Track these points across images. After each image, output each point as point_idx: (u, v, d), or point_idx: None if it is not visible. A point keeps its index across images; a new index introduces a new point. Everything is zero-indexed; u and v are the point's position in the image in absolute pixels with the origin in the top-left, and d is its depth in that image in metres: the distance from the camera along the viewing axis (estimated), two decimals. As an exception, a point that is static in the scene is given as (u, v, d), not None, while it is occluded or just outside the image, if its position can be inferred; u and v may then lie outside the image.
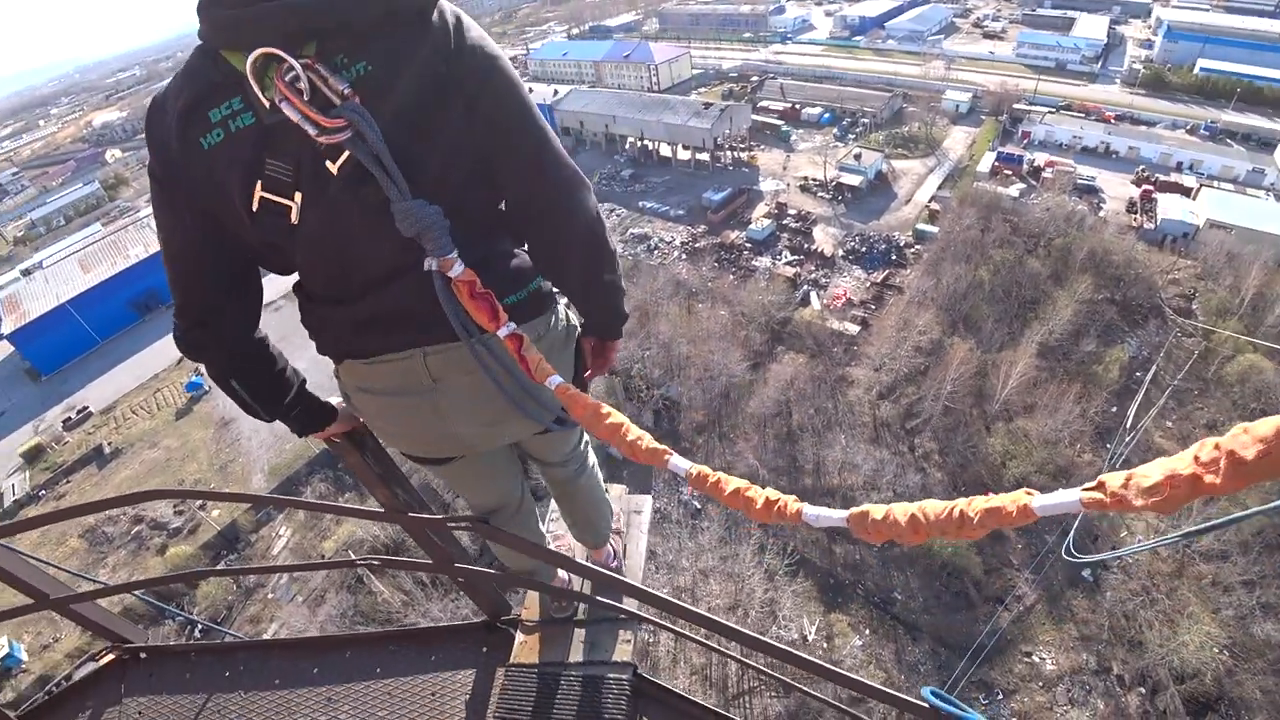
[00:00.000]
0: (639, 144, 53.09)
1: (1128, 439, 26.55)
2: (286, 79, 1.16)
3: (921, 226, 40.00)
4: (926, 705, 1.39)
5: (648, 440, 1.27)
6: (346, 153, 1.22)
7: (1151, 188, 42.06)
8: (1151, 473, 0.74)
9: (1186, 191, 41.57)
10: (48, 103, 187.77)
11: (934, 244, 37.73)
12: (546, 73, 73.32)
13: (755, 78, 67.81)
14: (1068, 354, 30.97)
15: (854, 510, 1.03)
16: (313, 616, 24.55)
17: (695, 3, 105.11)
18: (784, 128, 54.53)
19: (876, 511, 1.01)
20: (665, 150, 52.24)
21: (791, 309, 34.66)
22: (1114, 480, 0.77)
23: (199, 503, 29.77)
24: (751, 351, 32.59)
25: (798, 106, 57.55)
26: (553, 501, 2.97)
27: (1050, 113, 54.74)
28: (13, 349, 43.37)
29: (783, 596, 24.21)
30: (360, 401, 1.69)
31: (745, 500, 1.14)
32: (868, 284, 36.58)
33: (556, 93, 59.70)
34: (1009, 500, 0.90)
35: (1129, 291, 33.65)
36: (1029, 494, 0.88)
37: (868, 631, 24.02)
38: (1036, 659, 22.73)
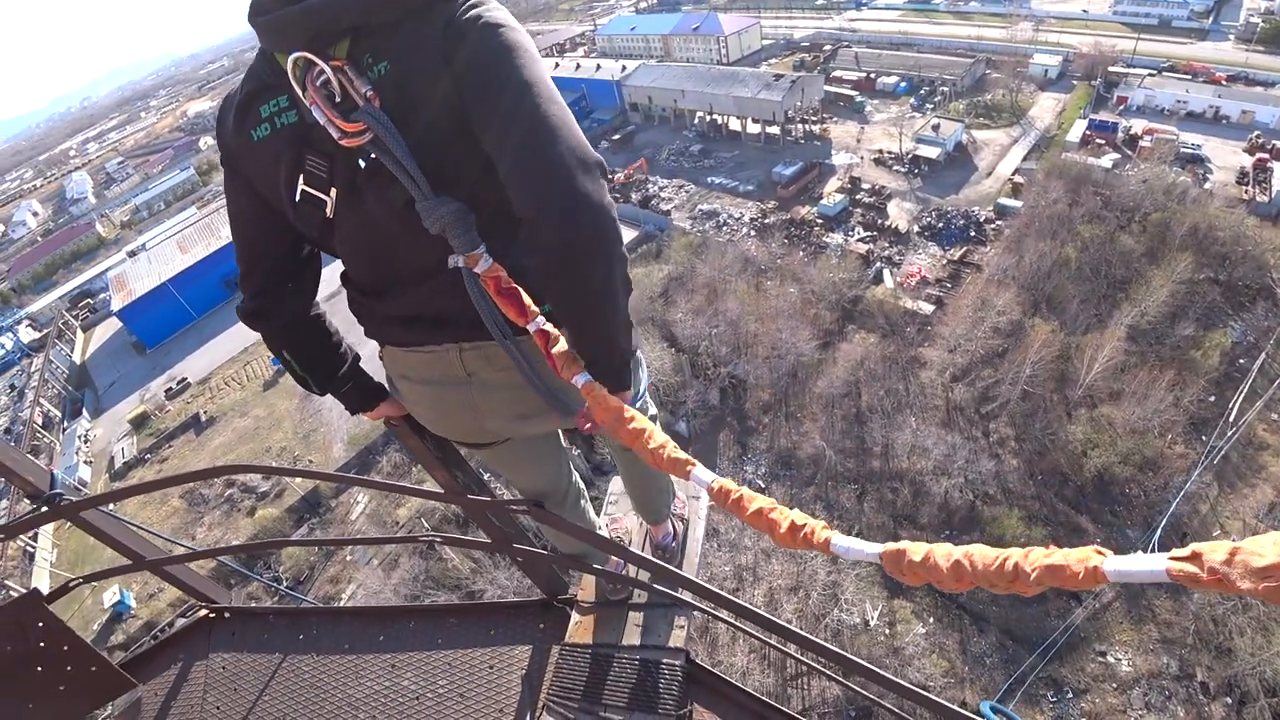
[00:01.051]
0: (708, 118, 52.38)
1: (1229, 432, 24.85)
2: (318, 82, 1.25)
3: (1004, 201, 38.16)
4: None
5: (671, 449, 1.25)
6: (372, 154, 1.31)
7: (1267, 156, 38.30)
8: (1265, 550, 0.61)
9: None
10: (147, 95, 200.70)
11: (1017, 219, 35.93)
12: (614, 48, 72.89)
13: (828, 47, 65.54)
14: (1161, 338, 29.03)
15: (889, 547, 0.96)
16: (387, 579, 26.00)
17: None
18: (858, 98, 52.70)
19: (915, 552, 0.94)
20: (735, 124, 51.32)
21: (863, 287, 33.85)
22: (1214, 553, 0.65)
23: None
24: (821, 330, 32.08)
25: (872, 76, 55.41)
26: (611, 484, 3.11)
27: (1151, 75, 50.44)
28: (121, 325, 47.34)
29: (845, 579, 23.87)
30: (402, 387, 1.76)
31: (769, 522, 1.09)
32: (944, 261, 35.25)
33: (624, 68, 59.38)
34: (1076, 558, 0.79)
35: (1235, 271, 31.18)
36: (1100, 553, 0.78)
37: (931, 620, 23.35)
38: (1112, 659, 21.58)
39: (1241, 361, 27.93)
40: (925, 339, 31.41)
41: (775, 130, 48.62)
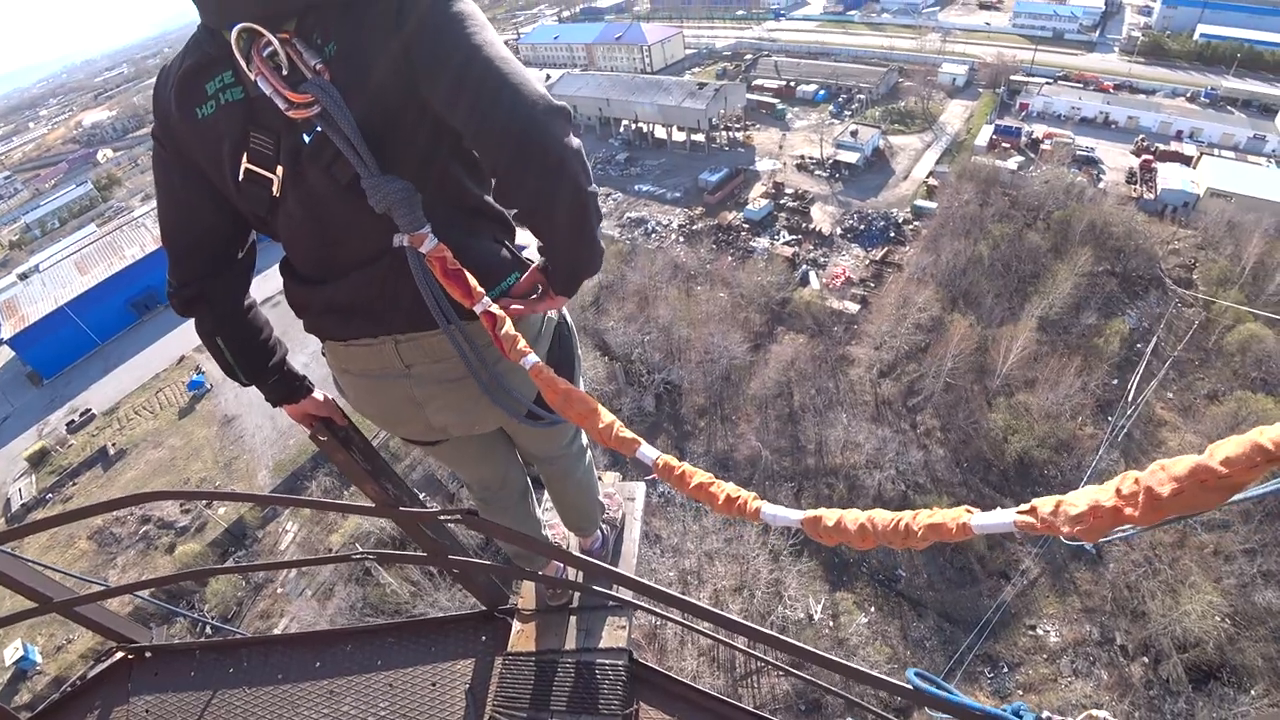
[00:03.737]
0: (633, 127, 52.64)
1: (1129, 411, 26.51)
2: (265, 53, 1.21)
3: (920, 203, 39.74)
4: (910, 687, 1.37)
5: (618, 428, 1.28)
6: (319, 128, 1.26)
7: (1151, 157, 41.56)
8: (1078, 502, 0.78)
9: (1187, 160, 41.07)
10: (36, 104, 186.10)
11: (933, 220, 37.52)
12: (538, 57, 72.67)
13: (749, 56, 67.20)
14: (1068, 328, 30.89)
15: (808, 513, 1.09)
16: (322, 610, 24.71)
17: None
18: (779, 106, 54.07)
19: (829, 517, 1.06)
20: (660, 132, 51.78)
21: (791, 289, 34.54)
22: (1045, 506, 0.81)
23: (205, 501, 29.98)
24: (751, 333, 32.52)
25: (793, 84, 57.01)
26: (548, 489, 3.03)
27: (1048, 83, 54.02)
28: (13, 354, 43.39)
29: (788, 577, 24.33)
30: (344, 382, 1.74)
31: (708, 494, 1.17)
32: (867, 262, 36.40)
33: (548, 77, 59.18)
34: (950, 517, 0.94)
35: (1129, 263, 33.45)
36: (969, 512, 0.93)
37: (873, 609, 24.19)
38: (1041, 632, 22.94)
39: (1138, 346, 29.97)
40: (852, 337, 32.26)
41: (700, 138, 49.30)
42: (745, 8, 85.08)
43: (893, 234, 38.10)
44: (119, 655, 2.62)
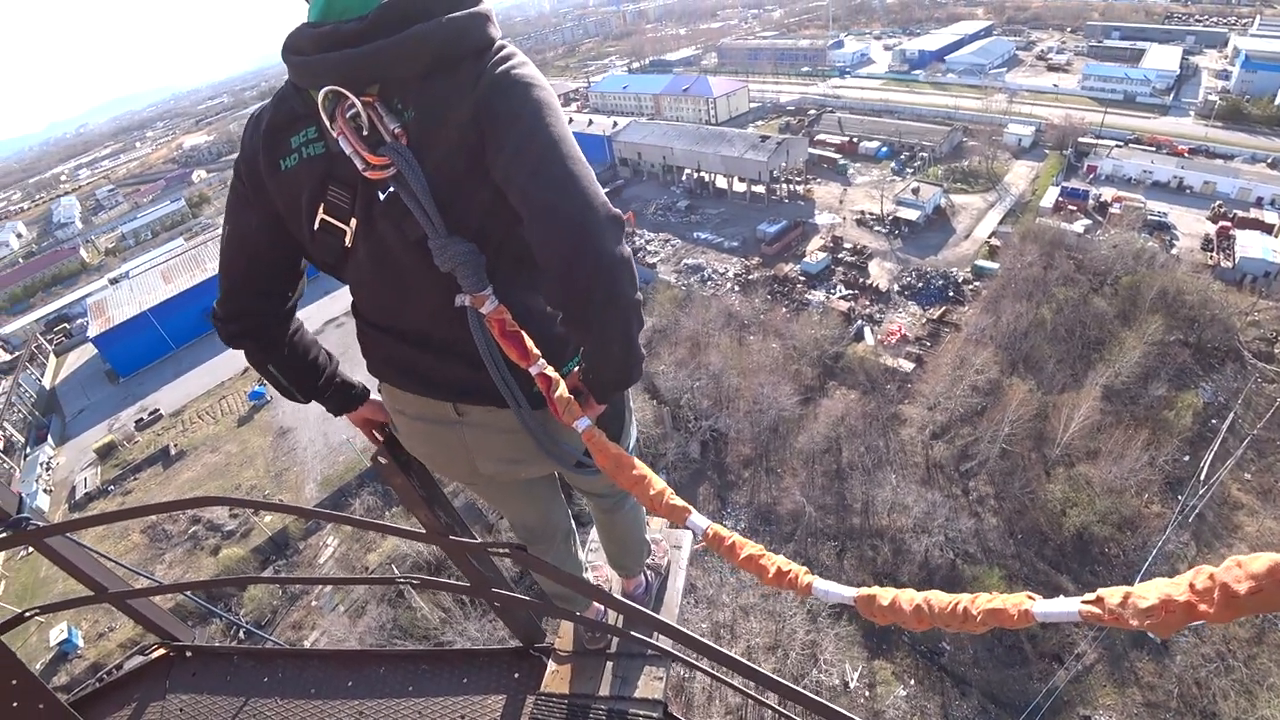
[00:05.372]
0: (695, 176, 53.86)
1: (1200, 491, 25.16)
2: (348, 115, 1.31)
3: (981, 263, 39.18)
4: None
5: (669, 495, 1.31)
6: (393, 188, 1.36)
7: (1229, 224, 39.94)
8: (1149, 594, 0.77)
9: (1268, 228, 39.37)
10: (145, 126, 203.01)
11: (994, 281, 36.88)
12: (607, 105, 75.47)
13: (813, 111, 68.18)
14: (1135, 398, 29.57)
15: (863, 591, 1.08)
16: (352, 627, 25.23)
17: (754, 37, 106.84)
18: (841, 161, 54.53)
19: (884, 596, 1.05)
20: (721, 182, 52.87)
21: (844, 344, 34.35)
22: (1113, 597, 0.81)
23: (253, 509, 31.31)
24: (802, 386, 32.34)
25: (855, 140, 57.53)
26: (593, 531, 3.01)
27: (1118, 146, 52.71)
28: (96, 352, 46.70)
29: (825, 639, 23.55)
30: (397, 422, 1.79)
31: (759, 567, 1.18)
32: (923, 320, 35.95)
33: (615, 124, 61.25)
34: (1012, 603, 0.93)
35: (1204, 333, 32.01)
36: (1031, 599, 0.92)
37: (913, 682, 23.06)
38: None
39: (1213, 421, 28.35)
40: (905, 396, 31.71)
41: (760, 189, 50.06)
42: (811, 65, 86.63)
43: (951, 293, 37.59)
44: (161, 651, 2.67)
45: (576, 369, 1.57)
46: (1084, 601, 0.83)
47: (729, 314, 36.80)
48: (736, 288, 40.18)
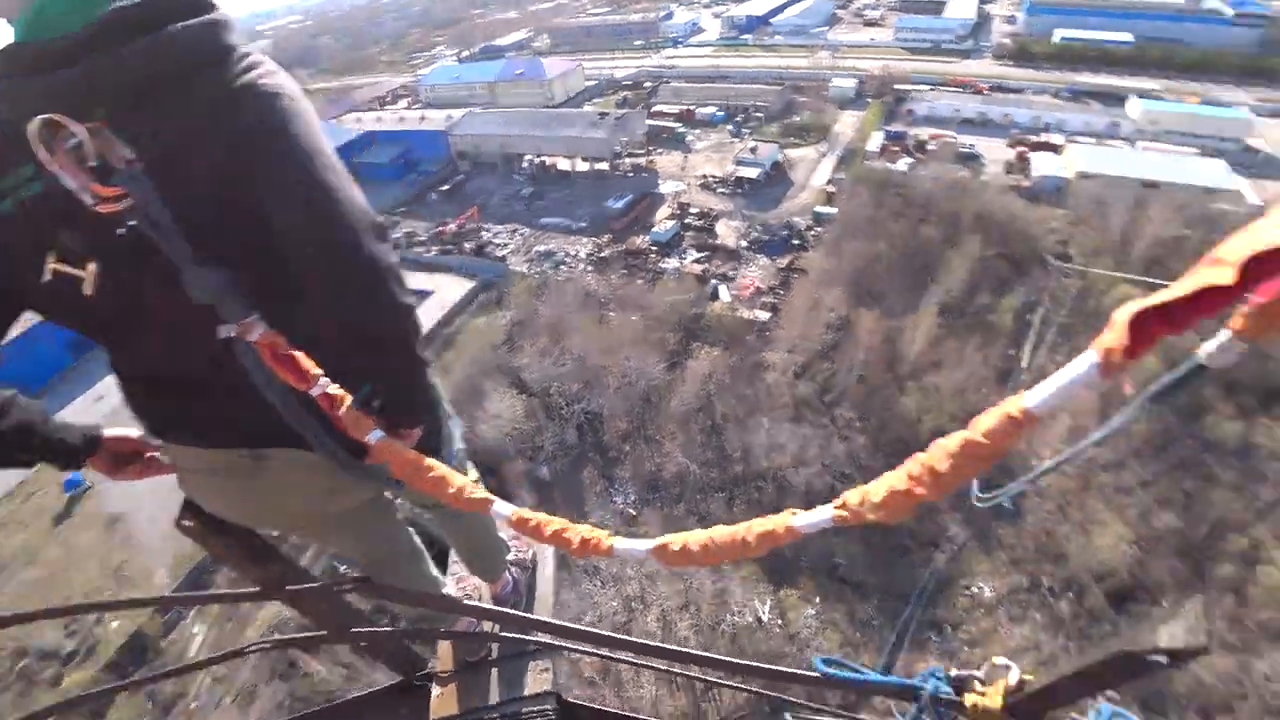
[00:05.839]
0: (537, 161, 52.72)
1: (1024, 377, 28.01)
2: (68, 146, 1.11)
3: (820, 209, 41.00)
4: (818, 675, 1.42)
5: (470, 488, 1.29)
6: (133, 222, 1.18)
7: (1025, 149, 44.98)
8: (878, 490, 0.86)
9: (1055, 149, 44.73)
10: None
11: (833, 225, 38.78)
12: (440, 98, 71.95)
13: (649, 84, 68.65)
14: (965, 310, 32.44)
15: (657, 542, 1.12)
16: (244, 718, 22.75)
17: (586, 15, 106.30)
18: (680, 129, 55.16)
19: (675, 543, 1.10)
20: (564, 164, 52.00)
21: (702, 305, 34.83)
22: (853, 498, 0.89)
23: (93, 617, 27.02)
24: (667, 352, 32.54)
25: (692, 108, 58.43)
26: None
27: (930, 90, 57.81)
28: None
29: (731, 584, 24.51)
30: (189, 482, 1.62)
31: (564, 540, 1.21)
32: (774, 270, 37.19)
33: (450, 117, 58.87)
34: (777, 522, 1.00)
35: (1014, 245, 35.49)
36: (793, 514, 1.00)
37: (818, 599, 24.75)
38: (976, 589, 24.42)
39: (1028, 318, 32.06)
40: (765, 344, 32.66)
41: (604, 166, 49.72)
42: (644, 38, 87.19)
43: (796, 241, 39.10)
44: None
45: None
46: (835, 507, 0.92)
47: (586, 294, 36.27)
48: (591, 267, 39.69)
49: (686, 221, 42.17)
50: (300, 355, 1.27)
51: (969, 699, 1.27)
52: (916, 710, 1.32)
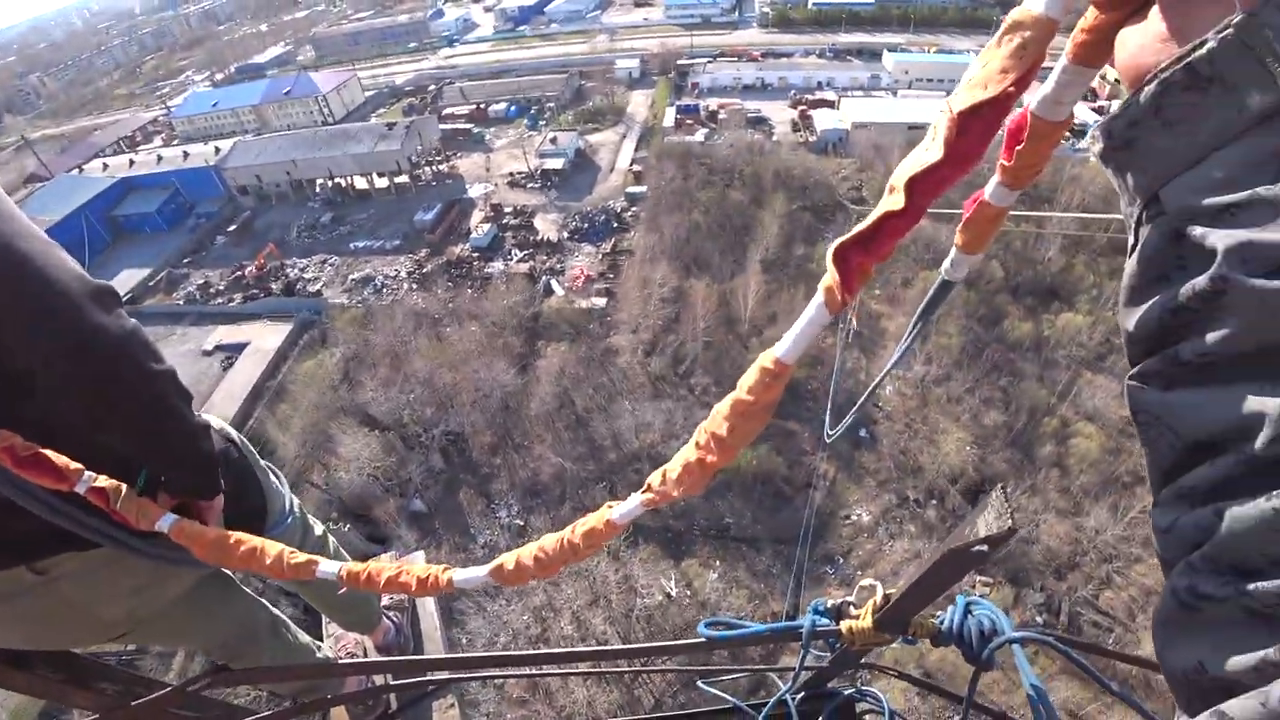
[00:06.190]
0: (330, 183, 48.79)
1: (848, 314, 30.86)
2: None
3: (631, 189, 41.97)
4: (703, 639, 1.47)
5: (289, 555, 1.23)
6: None
7: (806, 107, 49.00)
8: (675, 466, 0.87)
9: (831, 104, 49.21)
10: None
11: (646, 202, 39.84)
12: (199, 130, 63.97)
13: (433, 87, 66.11)
14: (785, 263, 34.83)
15: (493, 564, 1.13)
16: None
17: (349, 21, 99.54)
18: (475, 130, 53.81)
19: (508, 561, 1.11)
20: (361, 183, 48.58)
21: (538, 303, 34.42)
22: (655, 480, 0.90)
23: None
24: (514, 356, 31.85)
25: (483, 106, 57.08)
26: None
27: (709, 62, 60.96)
28: None
29: (633, 569, 24.77)
30: None
31: (400, 584, 1.20)
32: (600, 256, 37.58)
33: (219, 150, 52.63)
34: (598, 519, 1.02)
35: (815, 196, 38.66)
36: (610, 506, 1.02)
37: (718, 563, 25.73)
38: (855, 517, 26.74)
39: None
40: (610, 329, 33.04)
41: (404, 179, 47.16)
42: (417, 39, 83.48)
43: (616, 224, 39.83)
44: None
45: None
46: (643, 493, 0.93)
47: (417, 314, 34.41)
48: (414, 285, 37.68)
49: (504, 222, 41.32)
50: (50, 454, 1.15)
51: (844, 624, 1.38)
52: (803, 648, 1.41)
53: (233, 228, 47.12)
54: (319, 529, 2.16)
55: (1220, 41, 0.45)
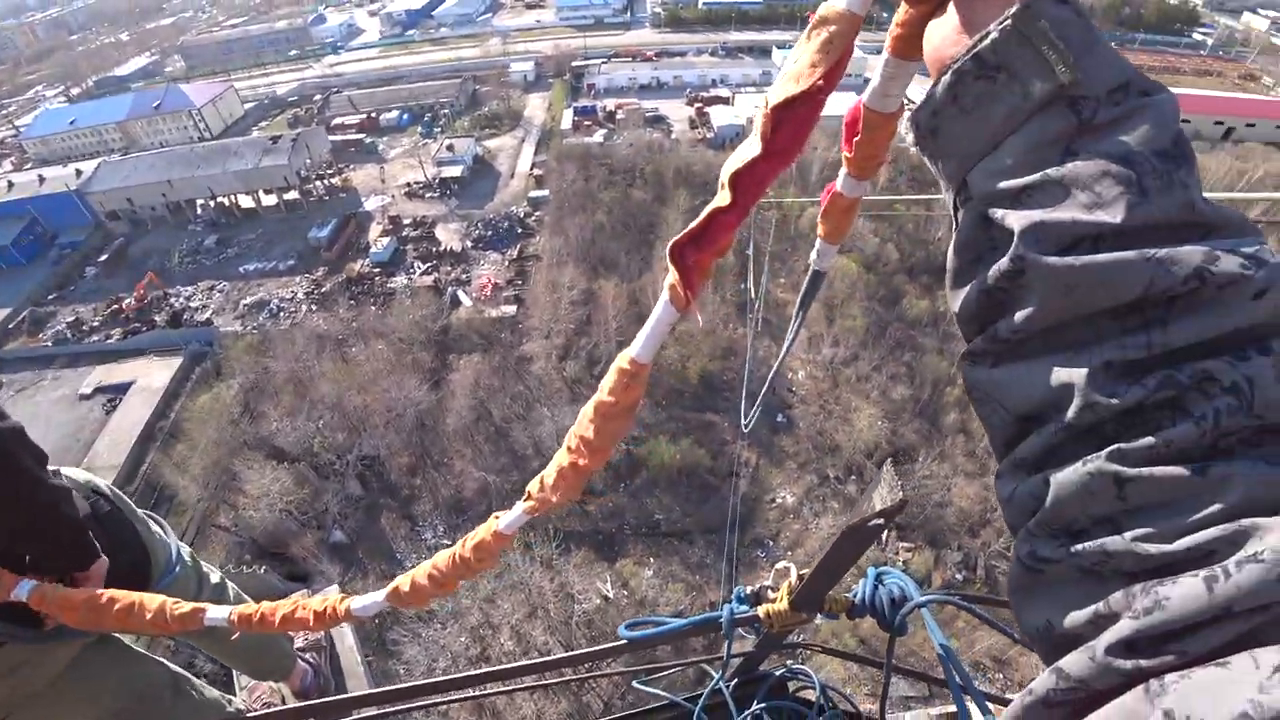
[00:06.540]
0: (213, 203, 45.92)
1: (758, 305, 31.88)
2: None
3: (534, 194, 41.81)
4: (624, 641, 1.46)
5: (172, 605, 1.20)
6: None
7: (702, 105, 50.16)
8: (550, 472, 0.89)
9: (726, 101, 50.60)
10: None
11: (550, 206, 39.75)
12: (54, 152, 58.44)
13: (318, 96, 63.38)
14: (692, 260, 35.33)
15: (389, 589, 1.13)
16: None
17: (221, 28, 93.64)
18: (367, 140, 52.08)
19: (404, 583, 1.11)
20: (247, 201, 45.96)
21: (446, 315, 33.76)
22: (534, 487, 0.93)
23: None
24: (425, 372, 31.16)
25: (374, 115, 55.22)
26: None
27: (604, 63, 61.28)
28: None
29: (568, 576, 24.71)
30: None
31: (299, 621, 1.17)
32: (507, 264, 37.24)
33: (80, 173, 48.44)
34: (484, 530, 1.03)
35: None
36: (496, 518, 1.04)
37: (653, 560, 26.07)
38: (780, 499, 27.64)
39: (746, 252, 35.66)
40: (522, 337, 32.80)
41: (294, 195, 44.99)
42: (298, 47, 79.54)
43: (520, 230, 39.57)
44: None
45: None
46: (524, 501, 0.95)
47: (319, 336, 32.97)
48: (314, 306, 36.13)
49: (404, 234, 40.23)
50: None
51: (762, 609, 1.40)
52: (725, 636, 1.43)
53: (104, 257, 43.57)
54: (215, 576, 2.09)
55: (1002, 32, 0.48)
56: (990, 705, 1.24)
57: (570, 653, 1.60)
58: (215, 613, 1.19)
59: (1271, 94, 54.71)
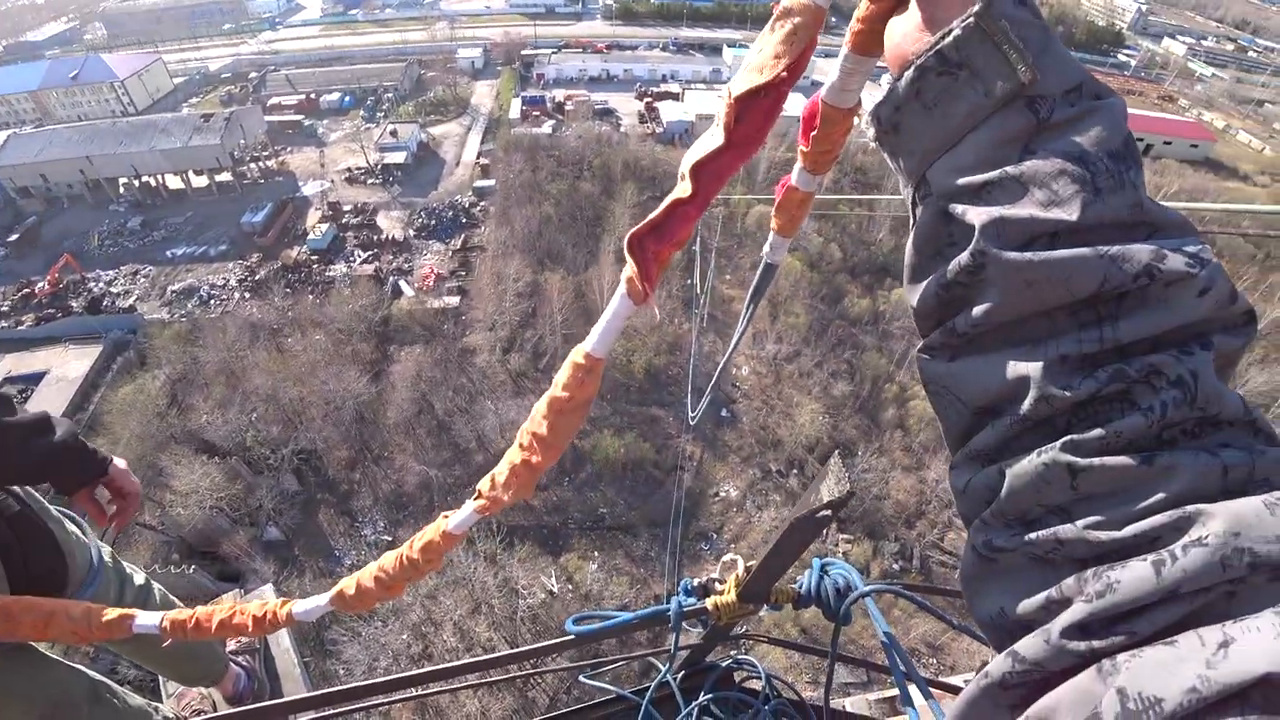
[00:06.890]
0: (137, 183, 43.53)
1: (703, 300, 32.28)
2: None
3: (479, 183, 41.12)
4: (571, 636, 1.45)
5: (97, 615, 1.19)
6: None
7: (652, 99, 50.36)
8: (502, 469, 0.87)
9: (676, 96, 50.89)
10: None
11: (495, 196, 39.16)
12: (-43, 123, 54.48)
13: (254, 74, 60.71)
14: (639, 254, 35.50)
15: (333, 592, 1.10)
16: None
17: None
18: (306, 122, 50.22)
19: (349, 586, 1.08)
20: (175, 182, 43.68)
21: (386, 305, 32.93)
22: (485, 486, 0.91)
23: None
24: (365, 363, 30.32)
25: (313, 96, 53.22)
26: None
27: (554, 53, 60.60)
28: None
29: (512, 571, 24.50)
30: None
31: (237, 627, 1.15)
32: (450, 254, 36.54)
33: (-16, 146, 45.18)
34: (433, 530, 1.01)
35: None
36: (445, 517, 1.02)
37: (597, 553, 26.12)
38: (724, 493, 28.07)
39: (692, 248, 35.90)
40: (465, 329, 32.32)
41: (226, 177, 43.03)
42: (233, 21, 75.97)
43: (464, 220, 38.83)
44: None
45: None
46: (475, 500, 0.93)
47: (253, 325, 31.67)
48: (248, 294, 34.65)
49: (344, 221, 38.98)
50: None
51: (710, 601, 1.42)
52: (673, 629, 1.44)
53: (14, 237, 40.68)
54: (139, 577, 1.98)
55: (964, 29, 0.50)
56: (931, 690, 1.28)
57: (515, 649, 1.65)
58: (145, 619, 1.17)
59: (1186, 115, 58.24)
